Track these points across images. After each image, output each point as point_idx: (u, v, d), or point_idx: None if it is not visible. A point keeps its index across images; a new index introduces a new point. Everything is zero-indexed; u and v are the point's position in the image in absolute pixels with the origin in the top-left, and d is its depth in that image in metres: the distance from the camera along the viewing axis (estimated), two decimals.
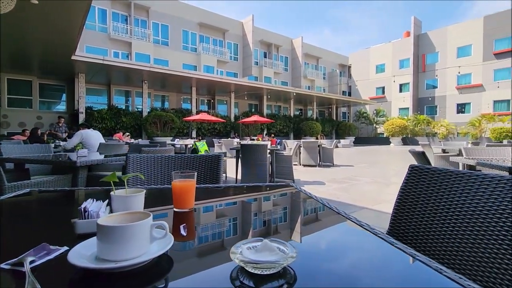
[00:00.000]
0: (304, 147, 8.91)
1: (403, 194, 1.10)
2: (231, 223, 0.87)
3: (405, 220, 1.06)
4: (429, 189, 1.03)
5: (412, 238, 1.02)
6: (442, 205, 0.97)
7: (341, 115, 34.50)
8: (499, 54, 26.34)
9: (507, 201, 0.80)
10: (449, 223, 0.92)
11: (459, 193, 0.93)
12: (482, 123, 23.52)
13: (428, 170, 1.06)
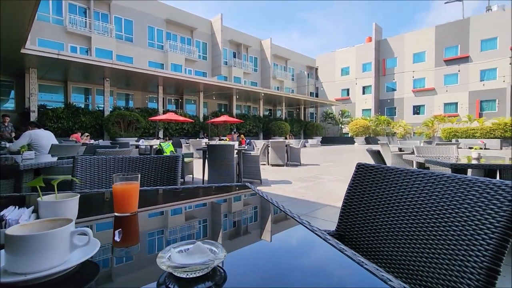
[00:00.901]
0: (272, 147, 9.02)
1: (350, 191, 1.14)
2: (175, 227, 0.84)
3: (352, 216, 1.11)
4: (372, 186, 1.08)
5: (357, 234, 1.07)
6: (384, 201, 1.02)
7: (309, 115, 35.53)
8: (449, 60, 28.88)
9: (436, 195, 0.86)
10: (389, 218, 0.98)
11: (397, 189, 0.99)
12: (435, 124, 25.62)
13: (373, 168, 1.12)
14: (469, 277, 0.63)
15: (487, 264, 0.61)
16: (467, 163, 2.64)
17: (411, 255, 0.85)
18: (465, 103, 27.81)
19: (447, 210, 0.78)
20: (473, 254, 0.65)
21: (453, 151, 3.93)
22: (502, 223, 0.62)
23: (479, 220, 0.67)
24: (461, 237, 0.71)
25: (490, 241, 0.62)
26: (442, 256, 0.74)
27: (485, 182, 0.71)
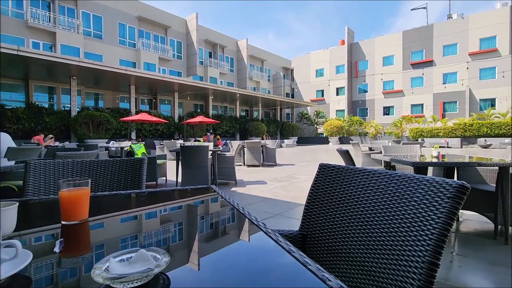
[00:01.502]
0: (247, 147, 9.02)
1: (312, 191, 1.17)
2: (127, 235, 0.80)
3: (314, 216, 1.13)
4: (333, 186, 1.11)
5: (319, 233, 1.09)
6: (343, 200, 1.05)
7: (285, 116, 36.03)
8: (415, 64, 30.59)
9: (389, 193, 0.90)
10: (348, 217, 1.01)
11: (355, 188, 1.02)
12: (403, 124, 27.00)
13: (334, 168, 1.15)
14: (413, 271, 0.66)
15: (428, 258, 0.64)
16: (428, 161, 2.80)
17: (366, 251, 0.87)
18: (430, 104, 29.59)
19: (398, 208, 0.82)
20: (417, 249, 0.68)
21: (416, 150, 4.16)
22: (442, 218, 0.66)
23: (424, 216, 0.71)
24: (408, 232, 0.74)
25: (432, 236, 0.66)
26: (392, 252, 0.77)
27: (429, 180, 0.75)
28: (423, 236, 0.68)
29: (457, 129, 23.13)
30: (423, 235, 0.69)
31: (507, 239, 2.68)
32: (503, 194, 2.68)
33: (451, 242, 2.84)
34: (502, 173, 2.66)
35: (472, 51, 27.20)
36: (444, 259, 2.38)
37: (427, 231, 0.68)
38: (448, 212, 0.65)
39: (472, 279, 2.09)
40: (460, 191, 0.65)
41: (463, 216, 3.54)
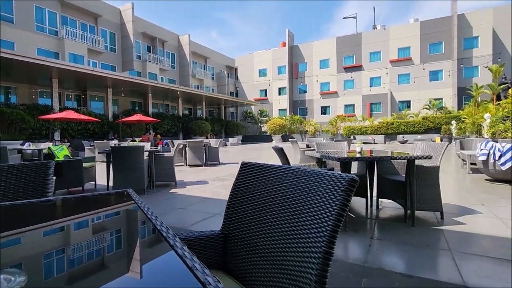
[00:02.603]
0: (189, 147, 8.75)
1: (234, 190, 1.16)
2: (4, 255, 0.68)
3: (235, 215, 1.13)
4: (254, 184, 1.13)
5: (240, 231, 1.09)
6: (263, 198, 1.07)
7: (230, 114, 36.06)
8: (347, 68, 33.59)
9: (300, 188, 0.94)
10: (267, 214, 1.03)
11: (273, 185, 1.05)
12: (338, 123, 29.46)
13: (254, 166, 1.17)
14: (312, 261, 0.70)
15: (324, 248, 0.68)
16: (351, 157, 3.09)
17: (279, 246, 0.90)
18: (360, 105, 32.87)
19: (306, 201, 0.86)
20: (317, 240, 0.72)
21: (344, 146, 4.55)
22: (336, 210, 0.71)
23: (323, 208, 0.76)
24: (312, 225, 0.78)
25: (328, 227, 0.70)
26: (298, 244, 0.80)
27: (330, 175, 0.80)
28: (322, 227, 0.73)
29: (381, 127, 26.21)
30: (322, 227, 0.73)
31: (413, 221, 3.12)
32: (410, 183, 3.11)
33: (372, 228, 3.18)
34: (409, 165, 3.08)
35: (392, 59, 31.06)
36: (364, 243, 2.65)
37: (325, 222, 0.72)
38: (341, 204, 0.70)
39: (386, 258, 2.37)
40: (351, 184, 0.71)
41: (382, 204, 4.00)
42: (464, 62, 27.70)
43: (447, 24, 28.52)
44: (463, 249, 2.47)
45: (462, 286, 1.88)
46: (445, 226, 3.06)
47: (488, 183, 5.43)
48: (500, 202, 4.07)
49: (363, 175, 3.84)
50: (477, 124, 13.44)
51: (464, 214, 3.49)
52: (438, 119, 24.02)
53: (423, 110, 27.38)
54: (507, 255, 2.36)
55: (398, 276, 2.02)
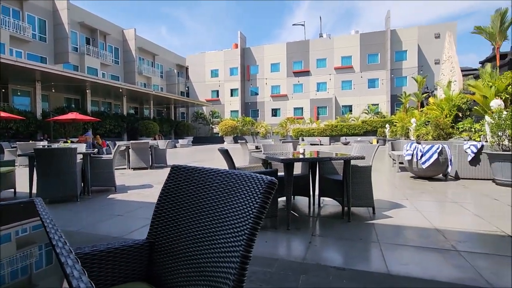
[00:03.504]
0: (133, 148, 8.19)
1: (163, 195, 1.09)
2: None
3: (164, 221, 1.06)
4: (184, 188, 1.07)
5: (168, 239, 1.03)
6: (193, 202, 1.03)
7: (180, 115, 34.85)
8: (296, 72, 35.12)
9: (228, 191, 0.92)
10: (196, 219, 0.99)
11: (203, 189, 1.01)
12: (287, 125, 30.59)
13: (185, 169, 1.11)
14: (232, 266, 0.68)
15: (242, 252, 0.66)
16: (293, 158, 3.21)
17: (205, 253, 0.87)
18: (308, 108, 34.63)
19: (232, 204, 0.84)
20: (237, 243, 0.71)
21: (290, 147, 4.71)
22: (254, 213, 0.70)
23: (244, 211, 0.75)
24: (234, 228, 0.76)
25: (246, 230, 0.69)
26: (222, 249, 0.78)
27: (251, 177, 0.79)
28: (241, 230, 0.72)
29: (327, 130, 27.97)
30: (241, 230, 0.72)
31: (349, 217, 3.37)
32: (347, 182, 3.35)
33: (313, 225, 3.34)
34: (346, 165, 3.32)
35: (336, 66, 33.44)
36: (304, 241, 2.76)
37: (244, 225, 0.71)
38: (259, 207, 0.70)
39: (324, 254, 2.51)
40: (269, 187, 0.71)
41: (324, 202, 4.24)
42: (395, 72, 31.16)
43: (382, 38, 31.76)
44: (389, 240, 2.74)
45: (386, 274, 2.08)
46: (376, 220, 3.36)
47: (413, 180, 6.16)
48: (420, 197, 4.63)
49: (306, 175, 4.03)
50: (405, 127, 15.20)
51: (392, 208, 3.89)
52: (375, 123, 26.56)
53: (363, 114, 30.02)
54: (424, 243, 2.68)
55: (333, 270, 2.14)
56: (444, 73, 13.62)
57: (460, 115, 10.48)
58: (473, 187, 5.32)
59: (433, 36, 30.24)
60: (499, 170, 5.28)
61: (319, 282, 1.98)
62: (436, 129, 9.37)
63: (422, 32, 30.84)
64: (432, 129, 9.63)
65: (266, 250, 2.57)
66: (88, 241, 2.86)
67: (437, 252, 2.45)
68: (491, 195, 4.60)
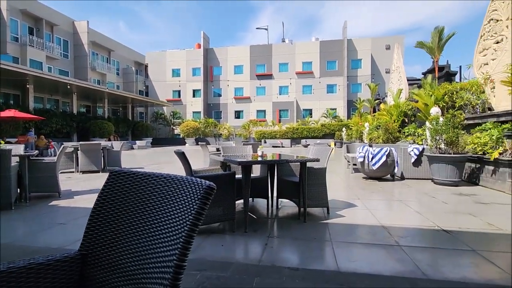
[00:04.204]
0: (82, 150, 7.56)
1: (98, 203, 1.00)
2: None
3: (100, 231, 0.97)
4: (124, 194, 1.00)
5: (104, 250, 0.94)
6: (133, 209, 0.96)
7: (138, 115, 33.15)
8: (259, 75, 35.58)
9: (168, 196, 0.87)
10: (135, 226, 0.92)
11: (144, 194, 0.95)
12: (250, 127, 30.79)
13: (125, 174, 1.03)
14: (165, 277, 0.64)
15: (176, 262, 0.63)
16: (251, 160, 3.22)
17: (141, 263, 0.81)
18: (270, 111, 35.25)
19: (170, 210, 0.80)
20: (171, 252, 0.67)
21: (249, 150, 4.73)
22: (191, 220, 0.67)
23: (181, 216, 0.71)
24: (172, 236, 0.72)
25: (181, 238, 0.65)
26: (158, 259, 0.73)
27: (189, 181, 0.76)
28: (176, 238, 0.68)
29: (288, 132, 28.73)
30: (177, 238, 0.68)
31: (305, 218, 3.47)
32: (303, 183, 3.44)
33: (270, 227, 3.38)
34: (302, 167, 3.42)
35: (298, 71, 34.58)
36: (261, 243, 2.78)
37: (180, 232, 0.68)
38: (196, 213, 0.67)
39: (280, 255, 2.54)
40: (207, 192, 0.69)
41: (282, 204, 4.32)
42: (351, 79, 33.19)
43: (339, 46, 33.62)
44: (341, 239, 2.87)
45: (337, 272, 2.17)
46: (330, 220, 3.51)
47: (365, 180, 6.58)
48: (371, 196, 4.96)
49: (265, 177, 4.07)
50: (360, 131, 16.25)
51: (345, 208, 4.09)
52: (333, 126, 27.94)
53: (322, 118, 31.41)
54: (372, 240, 2.86)
55: (287, 271, 2.18)
56: (393, 81, 14.85)
57: (406, 121, 11.49)
58: (415, 186, 5.84)
59: (384, 48, 32.81)
60: (437, 171, 5.87)
61: (272, 283, 2.00)
62: (385, 133, 10.14)
63: (375, 43, 33.31)
64: (382, 133, 10.41)
65: (222, 254, 2.53)
66: (22, 255, 2.55)
67: (382, 248, 2.63)
68: (430, 193, 5.09)
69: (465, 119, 7.33)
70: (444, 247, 2.65)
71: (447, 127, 5.90)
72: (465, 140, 6.05)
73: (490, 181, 5.54)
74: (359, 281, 2.03)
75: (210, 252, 2.57)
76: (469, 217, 3.59)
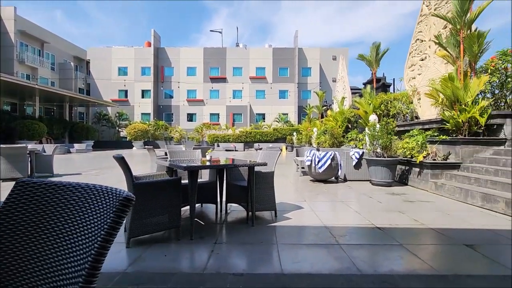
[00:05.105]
0: (3, 154, 6.56)
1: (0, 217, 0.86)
2: None
3: (7, 245, 0.83)
4: (29, 206, 0.87)
5: (5, 274, 0.80)
6: (39, 222, 0.84)
7: (78, 115, 30.13)
8: (213, 78, 35.21)
9: (81, 205, 0.78)
10: (44, 240, 0.80)
11: (54, 205, 0.84)
12: (203, 130, 30.21)
13: (34, 185, 0.90)
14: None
15: (82, 285, 0.56)
16: (197, 165, 3.14)
17: (48, 282, 0.71)
18: (224, 114, 35.08)
19: (86, 223, 0.71)
20: (80, 273, 0.59)
21: (198, 154, 4.61)
22: (102, 235, 0.60)
23: (93, 230, 0.64)
24: (82, 252, 0.64)
25: (90, 257, 0.59)
26: (65, 279, 0.64)
27: (107, 190, 0.69)
28: (86, 256, 0.61)
29: (242, 136, 28.90)
30: (86, 254, 0.61)
31: (253, 222, 3.49)
32: (251, 187, 3.47)
33: (218, 232, 3.31)
34: (250, 171, 3.44)
35: (251, 76, 35.10)
36: (207, 250, 2.70)
37: (90, 250, 0.60)
38: (109, 228, 0.61)
39: (225, 261, 2.50)
40: (124, 204, 0.63)
41: (231, 208, 4.29)
42: (302, 86, 34.86)
43: (291, 54, 35.10)
44: (286, 241, 2.95)
45: (280, 274, 2.21)
46: (277, 223, 3.58)
47: (312, 183, 6.91)
48: (316, 198, 5.21)
49: (214, 182, 4.00)
50: (309, 136, 17.10)
51: (292, 210, 4.23)
52: (284, 131, 28.92)
53: (274, 122, 32.31)
54: (314, 240, 2.99)
55: (232, 277, 2.15)
56: (338, 90, 16.00)
57: (350, 126, 12.44)
58: (356, 187, 6.33)
59: (331, 58, 35.21)
60: (374, 173, 6.45)
61: None
62: (331, 138, 10.83)
63: (323, 53, 35.57)
64: (328, 137, 11.09)
65: (164, 265, 2.40)
66: None
67: (324, 247, 2.76)
68: (368, 193, 5.56)
69: (397, 126, 8.21)
70: (377, 243, 2.90)
71: (382, 133, 6.54)
72: (397, 145, 6.77)
73: (417, 181, 6.27)
74: (300, 282, 2.09)
75: (151, 263, 2.41)
76: (398, 214, 4.00)
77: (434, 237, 3.12)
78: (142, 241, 2.87)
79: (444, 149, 6.17)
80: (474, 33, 6.02)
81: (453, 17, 6.36)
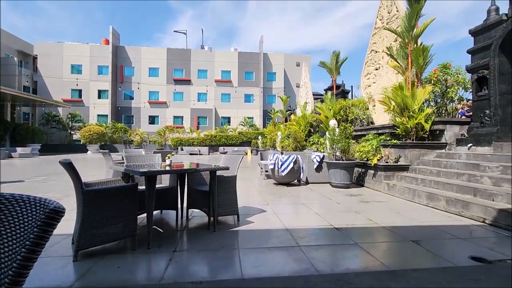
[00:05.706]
0: None
1: None
2: None
3: None
4: None
5: None
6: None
7: (22, 116, 27.27)
8: (177, 80, 34.26)
9: (13, 216, 0.69)
10: None
11: None
12: (166, 133, 29.18)
13: None
14: None
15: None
16: (156, 170, 3.00)
17: None
18: (188, 117, 34.27)
19: (6, 237, 0.63)
20: (3, 287, 0.51)
21: (158, 159, 4.41)
22: (23, 252, 0.53)
23: (17, 246, 0.56)
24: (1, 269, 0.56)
25: (7, 278, 0.51)
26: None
27: (35, 201, 0.62)
28: (6, 272, 0.53)
29: (206, 139, 28.45)
30: (5, 270, 0.53)
31: (215, 227, 3.42)
32: (212, 192, 3.40)
33: (178, 240, 3.19)
34: (212, 176, 3.38)
35: (217, 79, 34.84)
36: (165, 258, 2.58)
37: (8, 267, 0.53)
38: (32, 244, 0.54)
39: (184, 270, 2.40)
40: (50, 217, 0.56)
41: (193, 214, 4.17)
42: (266, 90, 35.43)
43: (256, 58, 35.55)
44: (248, 245, 2.94)
45: (240, 279, 2.18)
46: (239, 227, 3.56)
47: (275, 186, 7.00)
48: (279, 201, 5.29)
49: (174, 187, 3.86)
50: (273, 139, 17.39)
51: (255, 213, 4.23)
52: (249, 134, 29.08)
53: (240, 126, 32.34)
54: (275, 243, 3.02)
55: (190, 286, 2.07)
56: (301, 95, 16.53)
57: (312, 131, 12.90)
58: (317, 189, 6.55)
59: (294, 64, 36.35)
60: (333, 175, 6.74)
61: None
62: (294, 141, 11.12)
63: (287, 59, 36.59)
64: (292, 141, 11.38)
65: (117, 277, 2.24)
66: None
67: (284, 250, 2.80)
68: (328, 195, 5.79)
69: (354, 131, 8.70)
70: (335, 243, 3.02)
71: (341, 137, 6.87)
72: (354, 148, 7.16)
73: (372, 183, 6.68)
74: (260, 285, 2.09)
75: (102, 277, 2.24)
76: (355, 215, 4.21)
77: (385, 235, 3.33)
78: (92, 253, 2.65)
79: (395, 152, 6.67)
80: (420, 47, 6.64)
81: (402, 31, 6.96)
